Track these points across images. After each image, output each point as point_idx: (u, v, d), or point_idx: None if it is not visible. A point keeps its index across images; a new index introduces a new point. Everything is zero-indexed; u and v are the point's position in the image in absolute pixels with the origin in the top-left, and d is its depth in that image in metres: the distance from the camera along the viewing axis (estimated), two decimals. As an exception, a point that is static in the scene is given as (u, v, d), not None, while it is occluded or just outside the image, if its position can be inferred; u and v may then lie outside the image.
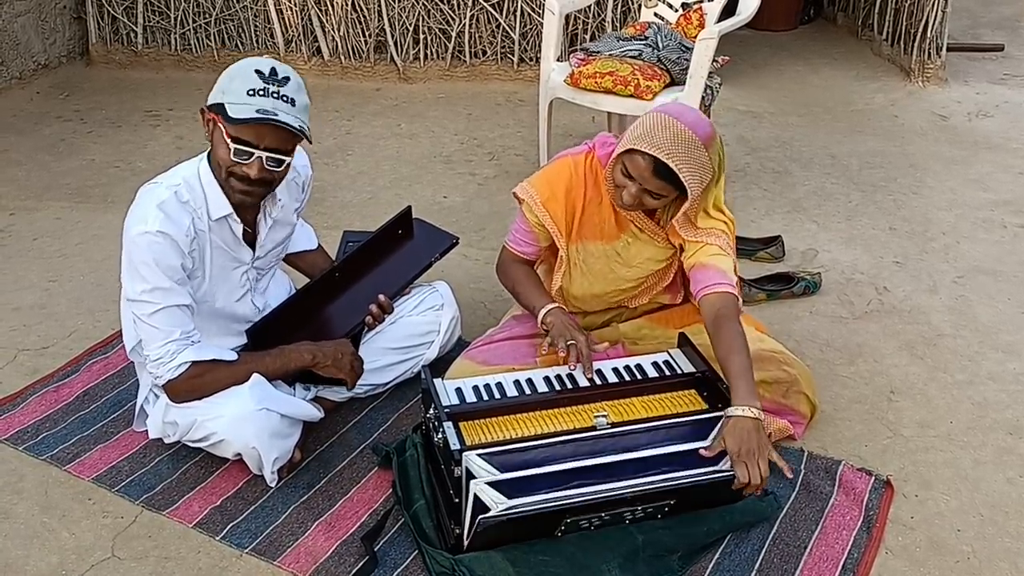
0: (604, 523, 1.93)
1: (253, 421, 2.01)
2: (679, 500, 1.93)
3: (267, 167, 1.96)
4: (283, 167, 2.00)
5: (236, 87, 1.91)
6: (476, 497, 1.78)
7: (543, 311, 2.22)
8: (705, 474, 1.91)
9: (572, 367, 2.11)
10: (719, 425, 1.97)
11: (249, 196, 2.02)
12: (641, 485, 1.86)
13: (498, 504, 1.78)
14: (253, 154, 1.94)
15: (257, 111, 1.89)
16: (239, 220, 2.09)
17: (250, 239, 2.16)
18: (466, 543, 1.87)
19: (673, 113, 2.04)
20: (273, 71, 1.93)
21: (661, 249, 2.27)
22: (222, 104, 1.91)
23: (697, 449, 1.93)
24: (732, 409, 1.94)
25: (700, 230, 2.16)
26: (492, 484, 1.79)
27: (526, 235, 2.31)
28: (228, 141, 1.92)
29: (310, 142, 2.04)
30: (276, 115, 1.90)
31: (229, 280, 2.14)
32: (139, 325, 1.99)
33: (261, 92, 1.91)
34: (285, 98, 1.93)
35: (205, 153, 2.07)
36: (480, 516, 1.76)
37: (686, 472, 1.90)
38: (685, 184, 2.01)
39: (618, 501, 1.85)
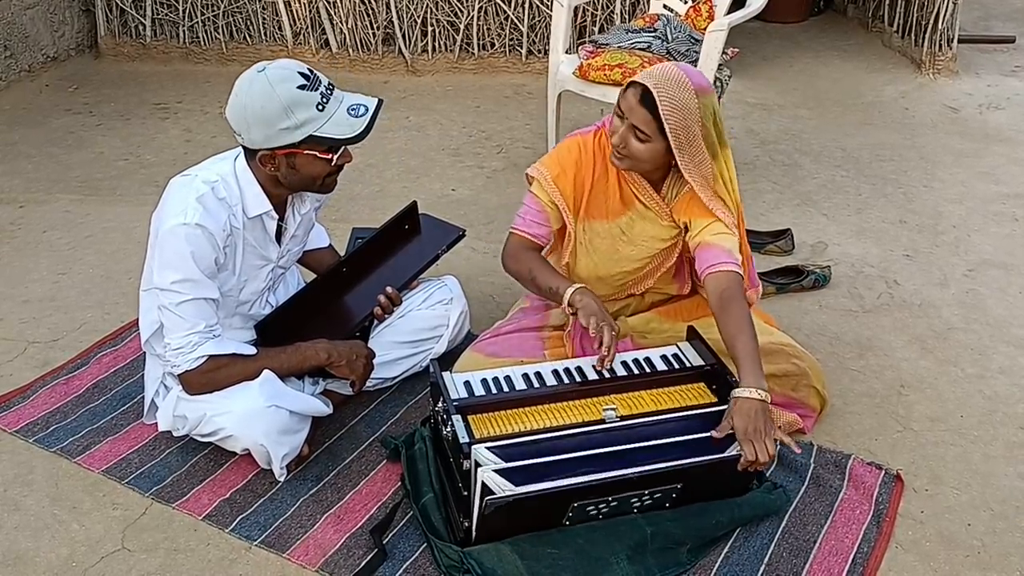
0: (612, 510, 1.93)
1: (262, 418, 2.02)
2: (686, 484, 1.92)
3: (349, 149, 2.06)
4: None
5: (306, 115, 1.93)
6: (484, 485, 1.78)
7: (570, 291, 2.15)
8: (710, 454, 1.91)
9: (603, 354, 2.07)
10: (727, 407, 1.97)
11: (336, 182, 2.12)
12: (647, 468, 1.86)
13: (504, 489, 1.78)
14: (344, 148, 2.02)
15: (357, 116, 1.97)
16: (275, 217, 2.11)
17: (276, 237, 2.18)
18: (475, 530, 1.87)
19: (677, 65, 2.11)
20: (306, 75, 1.95)
21: (666, 228, 2.26)
22: (311, 136, 1.94)
23: (704, 437, 1.93)
24: (738, 391, 1.94)
25: (714, 198, 2.14)
26: (500, 472, 1.79)
27: (537, 215, 2.28)
28: (325, 156, 1.99)
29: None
30: (362, 107, 1.98)
31: (256, 278, 2.16)
32: (164, 313, 2.00)
33: (325, 101, 1.95)
34: (338, 88, 2.01)
35: (239, 152, 2.07)
36: (488, 497, 1.76)
37: (693, 457, 1.90)
38: (662, 115, 2.01)
39: (624, 484, 1.85)
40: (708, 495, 2.01)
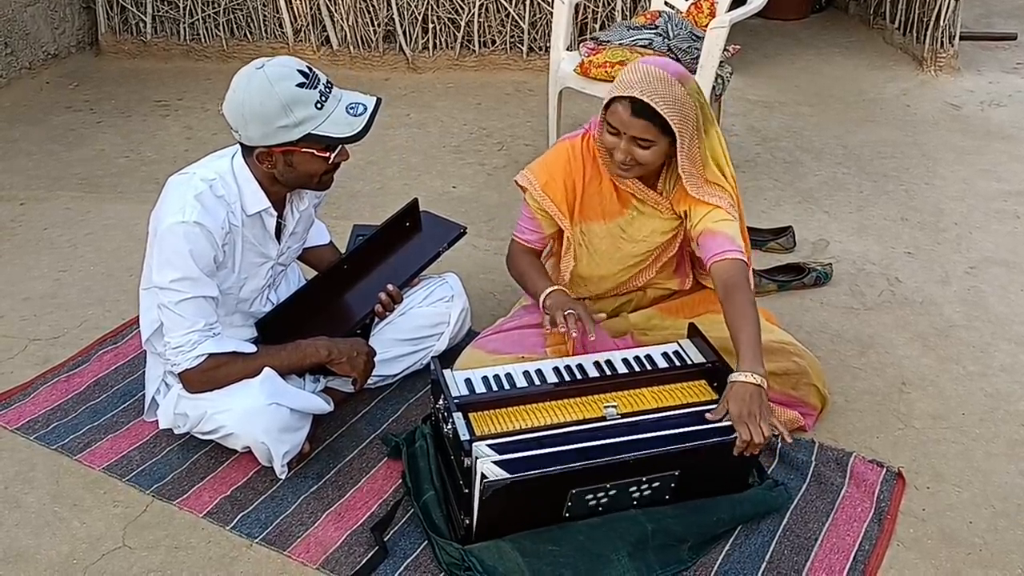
0: (611, 501, 1.93)
1: (263, 416, 2.01)
2: (684, 472, 1.92)
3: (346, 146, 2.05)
4: None
5: (305, 114, 1.92)
6: (483, 474, 1.78)
7: (544, 295, 2.22)
8: (706, 434, 1.91)
9: (576, 338, 2.09)
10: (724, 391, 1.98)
11: (333, 179, 2.11)
12: (643, 452, 1.86)
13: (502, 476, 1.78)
14: (342, 146, 2.00)
15: (355, 115, 1.96)
16: (273, 214, 2.10)
17: (276, 234, 2.17)
18: (475, 524, 1.87)
19: (643, 62, 2.08)
20: (305, 73, 1.93)
21: (666, 221, 2.27)
22: (310, 134, 1.93)
23: (701, 428, 1.93)
24: (735, 375, 1.95)
25: (708, 184, 2.14)
26: (499, 463, 1.79)
27: (529, 222, 2.32)
28: (323, 154, 1.98)
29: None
30: (360, 106, 1.98)
31: (256, 275, 2.16)
32: (164, 312, 2.00)
33: (324, 99, 1.94)
34: (336, 86, 1.99)
35: (236, 149, 2.07)
36: (486, 480, 1.76)
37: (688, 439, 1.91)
38: (666, 117, 2.00)
39: (622, 469, 1.85)
40: (707, 486, 2.00)
